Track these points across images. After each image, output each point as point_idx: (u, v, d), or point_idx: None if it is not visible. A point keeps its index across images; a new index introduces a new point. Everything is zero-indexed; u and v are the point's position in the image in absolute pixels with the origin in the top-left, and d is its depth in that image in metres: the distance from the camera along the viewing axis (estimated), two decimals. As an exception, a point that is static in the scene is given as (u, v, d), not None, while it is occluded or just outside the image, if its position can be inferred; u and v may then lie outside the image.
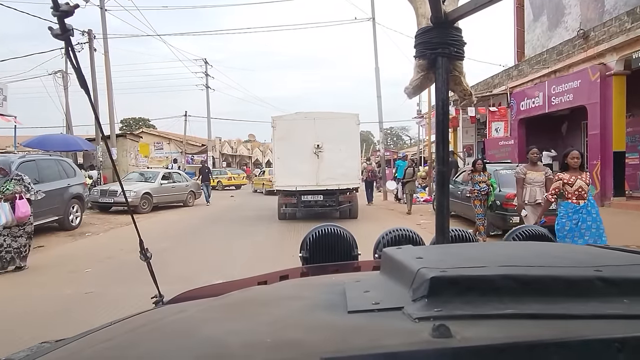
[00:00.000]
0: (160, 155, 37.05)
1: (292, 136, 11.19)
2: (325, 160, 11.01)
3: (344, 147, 10.99)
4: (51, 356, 0.61)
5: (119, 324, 0.72)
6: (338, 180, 10.95)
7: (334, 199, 11.12)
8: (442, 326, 0.41)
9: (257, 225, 10.86)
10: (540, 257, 0.65)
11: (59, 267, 6.48)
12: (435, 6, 1.04)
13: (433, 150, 15.02)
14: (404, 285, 0.54)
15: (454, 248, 0.87)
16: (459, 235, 1.43)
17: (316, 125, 11.18)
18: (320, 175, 11.02)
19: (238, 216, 13.02)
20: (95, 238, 9.44)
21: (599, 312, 0.45)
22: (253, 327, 0.51)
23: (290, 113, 12.21)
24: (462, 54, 1.14)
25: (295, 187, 11.06)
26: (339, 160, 10.85)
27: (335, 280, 0.68)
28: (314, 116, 11.53)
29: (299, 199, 11.17)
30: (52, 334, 1.01)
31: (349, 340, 0.44)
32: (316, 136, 11.07)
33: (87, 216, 11.94)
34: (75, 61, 0.94)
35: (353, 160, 11.31)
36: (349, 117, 11.51)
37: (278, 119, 11.75)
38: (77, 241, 9.02)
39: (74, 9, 0.88)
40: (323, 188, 11.02)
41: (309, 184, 11.04)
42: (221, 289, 1.01)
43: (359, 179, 11.75)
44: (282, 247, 7.38)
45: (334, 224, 1.55)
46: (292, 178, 11.06)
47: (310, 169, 11.04)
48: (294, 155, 11.07)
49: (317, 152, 11.05)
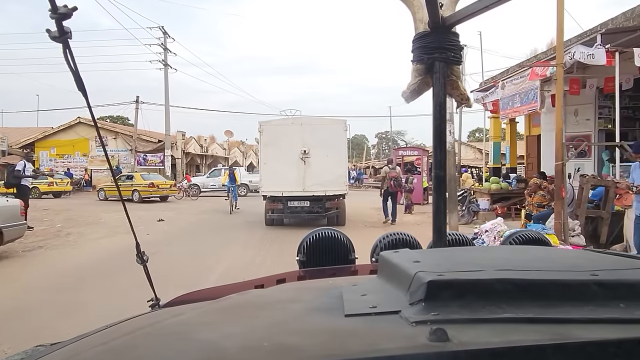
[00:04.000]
0: (103, 153, 30.89)
1: (279, 141, 11.19)
2: (312, 166, 11.00)
3: (331, 153, 10.96)
4: (46, 359, 0.61)
5: (115, 327, 0.72)
6: (325, 187, 10.94)
7: (321, 205, 11.10)
8: (439, 330, 0.41)
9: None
10: (537, 261, 0.66)
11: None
12: (433, 11, 1.05)
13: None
14: (401, 288, 0.54)
15: (451, 252, 0.87)
16: (456, 239, 1.43)
17: (303, 131, 11.18)
18: (307, 181, 11.02)
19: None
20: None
21: (596, 316, 0.45)
22: (250, 331, 0.51)
23: (277, 118, 12.33)
24: (459, 59, 1.15)
25: (281, 192, 11.04)
26: (325, 166, 10.85)
27: (333, 284, 0.68)
28: (302, 121, 11.61)
29: (286, 204, 11.13)
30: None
31: (346, 343, 0.44)
32: (303, 142, 11.07)
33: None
34: (73, 64, 0.94)
35: (340, 166, 11.30)
36: (336, 122, 11.50)
37: (265, 124, 11.73)
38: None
39: (72, 12, 0.88)
40: (309, 194, 11.00)
41: (296, 189, 11.02)
42: (218, 292, 1.01)
43: (345, 186, 11.56)
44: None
45: (331, 228, 1.55)
46: (278, 184, 11.05)
47: (296, 175, 11.04)
48: (281, 161, 11.06)
49: (304, 158, 11.03)
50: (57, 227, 11.15)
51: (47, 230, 10.55)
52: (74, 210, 15.24)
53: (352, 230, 7.41)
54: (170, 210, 16.02)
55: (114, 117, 43.55)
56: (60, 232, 10.46)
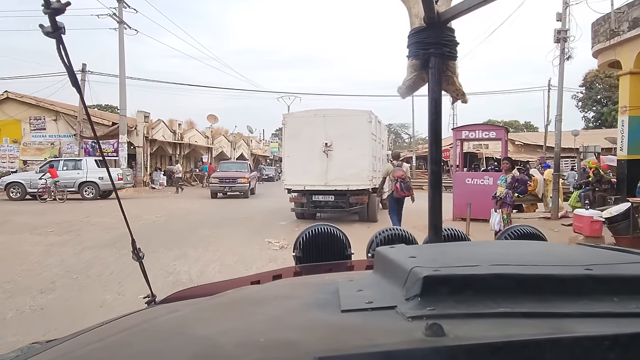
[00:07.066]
0: (41, 138, 22.67)
1: (301, 134, 10.93)
2: (334, 159, 10.65)
3: (354, 146, 10.50)
4: (42, 357, 0.61)
5: (111, 324, 0.71)
6: (347, 181, 10.51)
7: (345, 200, 10.72)
8: (435, 325, 0.41)
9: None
10: (533, 256, 0.66)
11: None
12: (428, 6, 1.05)
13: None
14: (397, 284, 0.54)
15: (447, 247, 0.88)
16: (452, 234, 1.44)
17: (326, 123, 10.82)
18: (329, 175, 10.69)
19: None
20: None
21: (590, 310, 0.45)
22: (246, 327, 0.51)
23: (300, 110, 11.96)
24: (455, 54, 1.15)
25: (303, 186, 10.83)
26: (348, 159, 10.43)
27: (329, 280, 0.68)
28: (324, 113, 11.11)
29: (309, 198, 10.88)
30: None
31: (342, 339, 0.44)
32: (325, 134, 10.73)
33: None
34: (67, 59, 0.93)
35: (363, 160, 10.66)
36: (359, 114, 10.96)
37: (289, 116, 11.64)
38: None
39: (65, 7, 0.87)
40: (332, 188, 10.67)
41: (318, 183, 10.74)
42: (214, 288, 1.01)
43: (369, 180, 10.66)
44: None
45: (327, 224, 1.55)
46: (301, 177, 10.80)
47: (319, 169, 10.72)
48: (303, 154, 10.80)
49: (327, 151, 10.71)
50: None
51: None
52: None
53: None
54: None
55: (103, 107, 35.66)
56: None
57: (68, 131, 22.72)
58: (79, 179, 17.97)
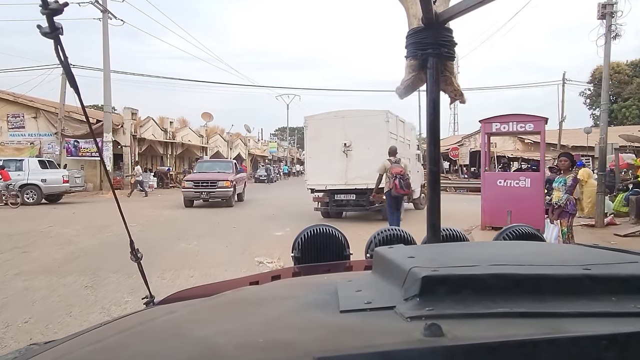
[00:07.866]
0: (20, 137, 21.12)
1: (322, 135, 11.35)
2: (354, 159, 11.04)
3: (372, 146, 10.62)
4: (40, 358, 0.61)
5: (109, 325, 0.71)
6: (366, 180, 10.46)
7: (365, 198, 10.98)
8: (433, 325, 0.41)
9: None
10: (531, 256, 0.66)
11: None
12: (426, 7, 1.05)
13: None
14: (396, 284, 0.54)
15: (446, 247, 0.88)
16: (450, 235, 1.44)
17: (345, 124, 11.23)
18: (349, 175, 11.07)
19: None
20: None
21: (588, 310, 0.46)
22: (245, 327, 0.51)
23: (321, 112, 12.16)
24: (452, 54, 1.15)
25: (325, 186, 11.27)
26: (366, 159, 10.58)
27: (327, 280, 0.68)
28: (343, 114, 11.48)
29: (332, 197, 11.34)
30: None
31: (341, 339, 0.44)
32: (345, 135, 11.14)
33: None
34: (65, 60, 0.93)
35: (381, 159, 10.32)
36: (377, 114, 11.20)
37: (310, 118, 11.94)
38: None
39: (63, 7, 0.87)
40: (352, 187, 11.06)
41: (338, 183, 11.16)
42: (213, 289, 1.01)
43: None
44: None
45: (325, 224, 1.55)
46: (322, 177, 11.24)
47: (339, 168, 11.14)
48: (324, 154, 11.22)
49: (346, 151, 11.11)
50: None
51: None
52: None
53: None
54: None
55: (99, 107, 30.76)
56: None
57: (49, 130, 21.01)
58: (19, 181, 16.04)
